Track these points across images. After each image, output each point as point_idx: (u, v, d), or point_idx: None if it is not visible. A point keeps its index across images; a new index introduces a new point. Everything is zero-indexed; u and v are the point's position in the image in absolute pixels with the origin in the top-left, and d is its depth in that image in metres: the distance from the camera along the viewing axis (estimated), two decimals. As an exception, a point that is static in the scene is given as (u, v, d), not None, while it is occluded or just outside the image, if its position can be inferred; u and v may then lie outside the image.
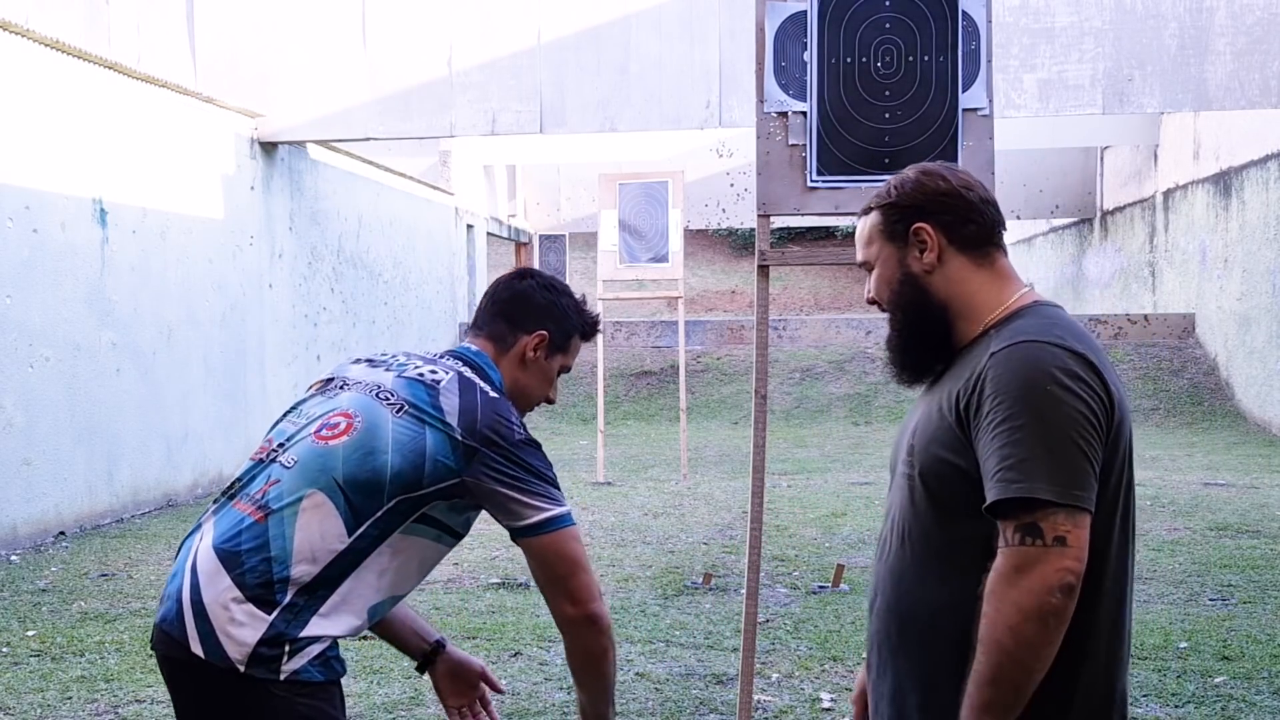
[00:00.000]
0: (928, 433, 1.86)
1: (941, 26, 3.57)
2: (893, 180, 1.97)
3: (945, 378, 1.92)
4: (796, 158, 3.62)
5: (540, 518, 2.16)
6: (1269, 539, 7.49)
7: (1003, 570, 1.68)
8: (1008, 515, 1.69)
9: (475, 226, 19.49)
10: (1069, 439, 1.69)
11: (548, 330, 2.35)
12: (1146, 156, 18.07)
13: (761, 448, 3.65)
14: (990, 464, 1.71)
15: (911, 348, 1.95)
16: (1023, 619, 1.66)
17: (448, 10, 10.83)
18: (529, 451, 2.18)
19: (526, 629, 5.58)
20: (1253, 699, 4.53)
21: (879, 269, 1.96)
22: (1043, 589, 1.65)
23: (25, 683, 4.86)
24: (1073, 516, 1.68)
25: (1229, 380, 14.64)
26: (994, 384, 1.74)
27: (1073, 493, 1.68)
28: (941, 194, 1.91)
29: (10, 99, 7.73)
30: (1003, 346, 1.77)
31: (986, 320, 1.88)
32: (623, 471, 11.04)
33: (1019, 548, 1.68)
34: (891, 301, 1.95)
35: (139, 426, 9.16)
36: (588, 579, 2.18)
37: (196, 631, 2.04)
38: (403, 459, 2.09)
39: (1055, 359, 1.73)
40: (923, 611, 1.84)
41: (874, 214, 1.96)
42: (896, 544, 1.91)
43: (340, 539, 2.06)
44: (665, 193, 10.53)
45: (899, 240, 1.93)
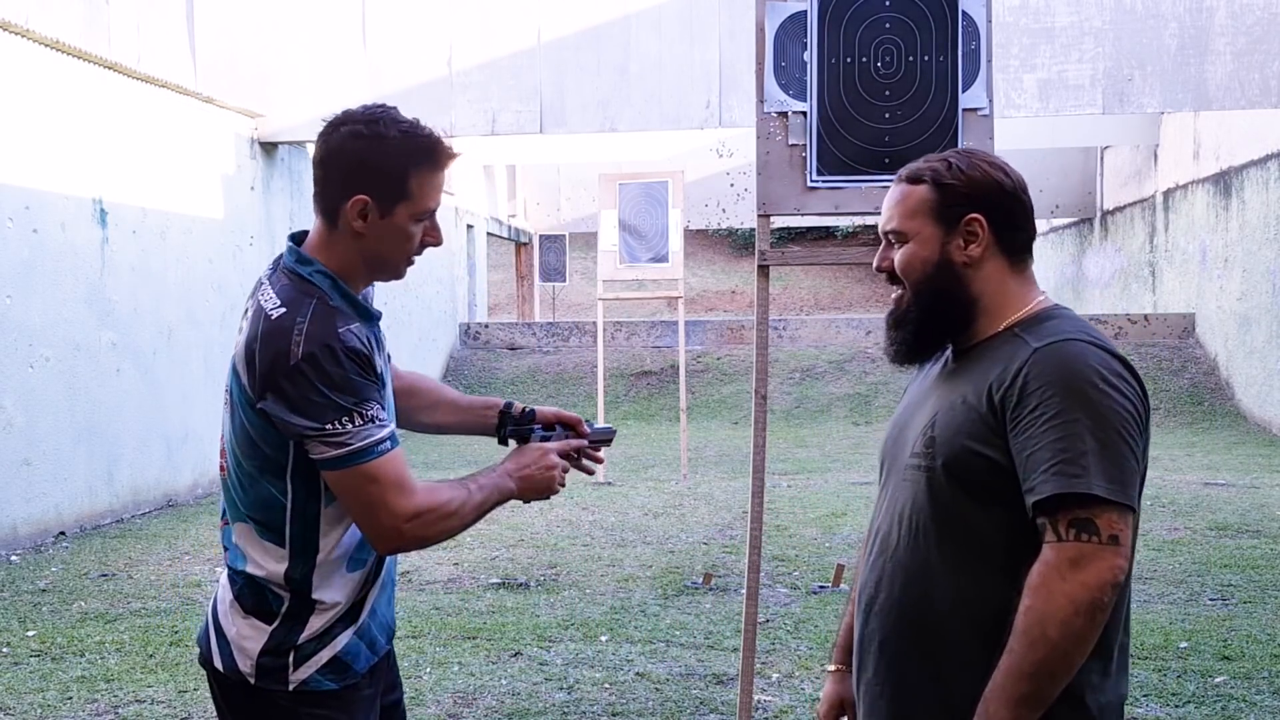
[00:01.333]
0: (951, 424, 1.82)
1: (941, 26, 3.57)
2: (953, 158, 1.91)
3: (959, 372, 1.88)
4: (796, 158, 3.62)
5: (326, 456, 1.92)
6: (1269, 539, 7.49)
7: (1055, 563, 1.67)
8: (1058, 510, 1.68)
9: (475, 226, 19.49)
10: (1120, 436, 1.70)
11: (366, 191, 1.97)
12: (1146, 156, 18.07)
13: (761, 448, 3.65)
14: (1041, 457, 1.70)
15: (926, 332, 1.92)
16: (1074, 612, 1.65)
17: (448, 10, 10.83)
18: (306, 371, 1.89)
19: (526, 629, 5.58)
20: (1253, 699, 4.53)
21: (914, 245, 1.90)
22: (1097, 585, 1.66)
23: (25, 683, 4.86)
24: (1124, 516, 1.69)
25: (1229, 380, 14.64)
26: (1040, 379, 1.72)
27: (1126, 491, 1.69)
28: (1004, 192, 1.87)
29: (10, 99, 7.73)
30: (1046, 343, 1.76)
31: (1008, 319, 1.86)
32: (623, 471, 11.04)
33: (1074, 543, 1.67)
34: (920, 283, 1.90)
35: (139, 426, 9.16)
36: (384, 517, 1.94)
37: (217, 647, 2.05)
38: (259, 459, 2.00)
39: (1100, 358, 1.74)
40: (940, 604, 1.81)
41: (925, 187, 1.89)
42: (905, 539, 1.87)
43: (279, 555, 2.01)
44: (665, 193, 10.53)
45: (947, 224, 1.87)
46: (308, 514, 2.00)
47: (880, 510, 1.96)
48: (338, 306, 1.99)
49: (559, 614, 5.86)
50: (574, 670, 4.96)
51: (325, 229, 2.03)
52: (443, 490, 2.03)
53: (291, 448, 1.97)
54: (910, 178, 1.92)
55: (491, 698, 4.64)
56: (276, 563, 2.01)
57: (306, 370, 1.90)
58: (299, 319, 1.93)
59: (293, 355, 1.90)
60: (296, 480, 1.98)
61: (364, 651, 2.07)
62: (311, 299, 1.97)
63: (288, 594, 2.01)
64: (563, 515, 8.70)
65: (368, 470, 1.92)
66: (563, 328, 17.81)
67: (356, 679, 2.06)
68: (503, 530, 8.09)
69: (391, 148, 1.98)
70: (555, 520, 8.50)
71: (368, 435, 1.92)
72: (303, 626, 2.01)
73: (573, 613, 5.88)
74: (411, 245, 2.04)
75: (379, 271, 2.07)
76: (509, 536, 7.87)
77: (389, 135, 1.98)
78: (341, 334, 1.94)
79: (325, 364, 1.90)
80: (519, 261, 23.18)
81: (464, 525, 2.05)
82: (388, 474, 1.94)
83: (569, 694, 4.67)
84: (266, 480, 1.99)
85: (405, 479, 1.96)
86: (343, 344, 1.93)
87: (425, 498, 1.98)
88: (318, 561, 2.01)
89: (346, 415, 1.91)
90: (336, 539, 2.02)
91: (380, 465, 1.93)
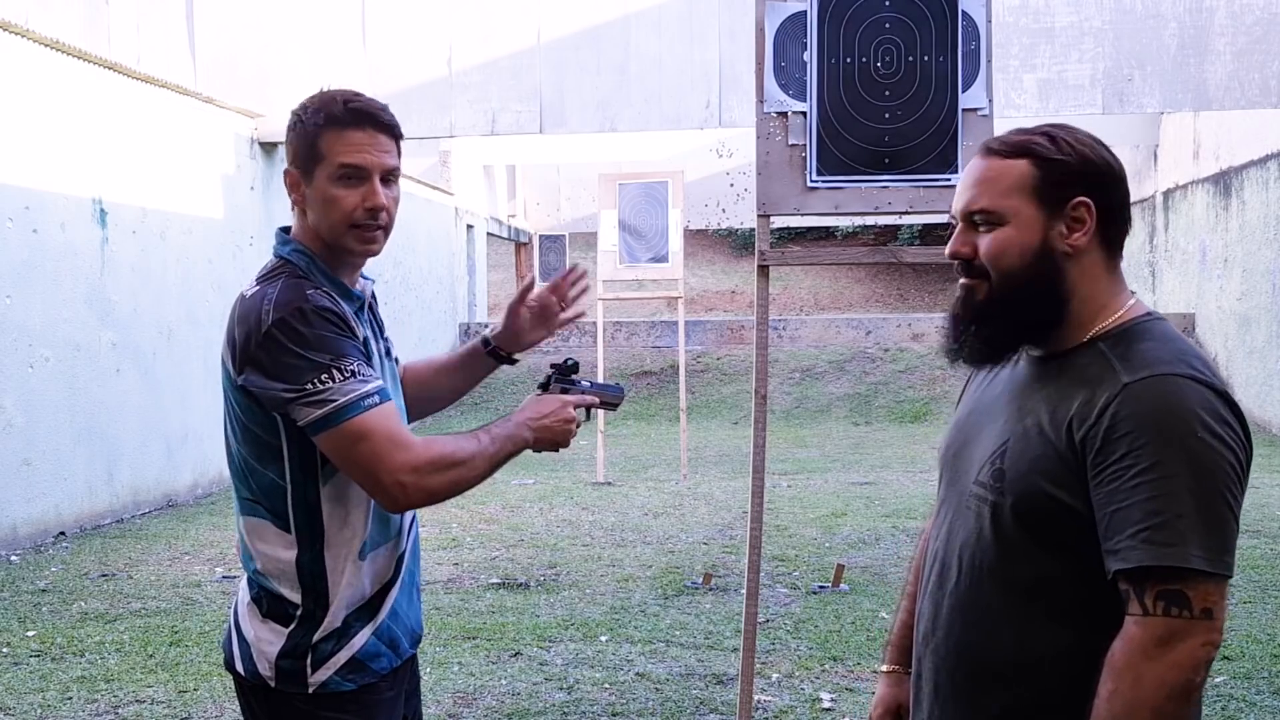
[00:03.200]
0: (1025, 457, 1.61)
1: (941, 26, 3.57)
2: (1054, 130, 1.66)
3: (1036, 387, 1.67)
4: (796, 158, 3.62)
5: (311, 418, 1.88)
6: (1269, 539, 7.49)
7: (1142, 642, 1.49)
8: (1149, 578, 1.49)
9: (475, 226, 19.49)
10: (1220, 495, 1.50)
11: (291, 163, 2.02)
12: (1146, 156, 18.07)
13: (761, 448, 3.65)
14: (1130, 516, 1.50)
15: (1012, 331, 1.67)
16: (1167, 697, 1.48)
17: (448, 10, 10.83)
18: (278, 336, 1.88)
19: (526, 629, 5.58)
20: (1253, 699, 4.53)
21: (1011, 229, 1.63)
22: (1190, 665, 1.48)
23: (25, 683, 4.86)
24: (1220, 586, 1.50)
25: (1229, 380, 14.65)
26: (1131, 421, 1.51)
27: (1223, 560, 1.50)
28: (1113, 174, 1.64)
29: (10, 99, 7.73)
30: (1139, 377, 1.54)
31: (1095, 328, 1.64)
32: (623, 471, 11.04)
33: (1163, 619, 1.48)
34: (1016, 273, 1.64)
35: (139, 426, 9.16)
36: (382, 474, 1.90)
37: (239, 651, 2.04)
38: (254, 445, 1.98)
39: (1203, 400, 1.52)
40: (999, 654, 1.64)
41: (1025, 163, 1.64)
42: (965, 577, 1.68)
43: (288, 543, 1.99)
44: (665, 193, 10.53)
45: (1052, 206, 1.62)
46: (308, 496, 1.98)
47: (940, 532, 1.77)
48: (312, 278, 1.99)
49: (559, 614, 5.86)
50: (574, 670, 4.96)
51: (294, 216, 2.08)
52: (445, 441, 1.99)
53: (282, 427, 1.94)
54: (1004, 150, 1.66)
55: (491, 698, 4.64)
56: (286, 551, 1.98)
57: (278, 334, 1.88)
58: (269, 291, 1.94)
59: (264, 324, 1.89)
60: (293, 462, 1.96)
61: (385, 652, 2.04)
62: (283, 273, 1.99)
63: (301, 593, 1.99)
64: (563, 515, 8.71)
65: (356, 426, 1.88)
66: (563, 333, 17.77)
67: (376, 679, 2.03)
68: (503, 530, 8.09)
69: (306, 117, 2.01)
70: (555, 520, 8.50)
71: (350, 390, 1.88)
72: (318, 624, 1.99)
73: (573, 613, 5.88)
74: (342, 208, 1.98)
75: (334, 248, 2.03)
76: (509, 536, 7.87)
77: (308, 107, 2.03)
78: (310, 295, 1.93)
79: (296, 325, 1.88)
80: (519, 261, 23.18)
81: (478, 477, 2.01)
82: (378, 428, 1.89)
83: (569, 694, 4.67)
84: (263, 465, 1.98)
85: (398, 432, 1.92)
86: (312, 304, 1.91)
87: (425, 450, 1.93)
88: (325, 546, 1.98)
89: (325, 372, 1.88)
90: (341, 520, 1.99)
91: (367, 419, 1.88)
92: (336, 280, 2.03)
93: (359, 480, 1.93)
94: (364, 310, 2.09)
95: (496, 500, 9.34)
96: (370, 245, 2.04)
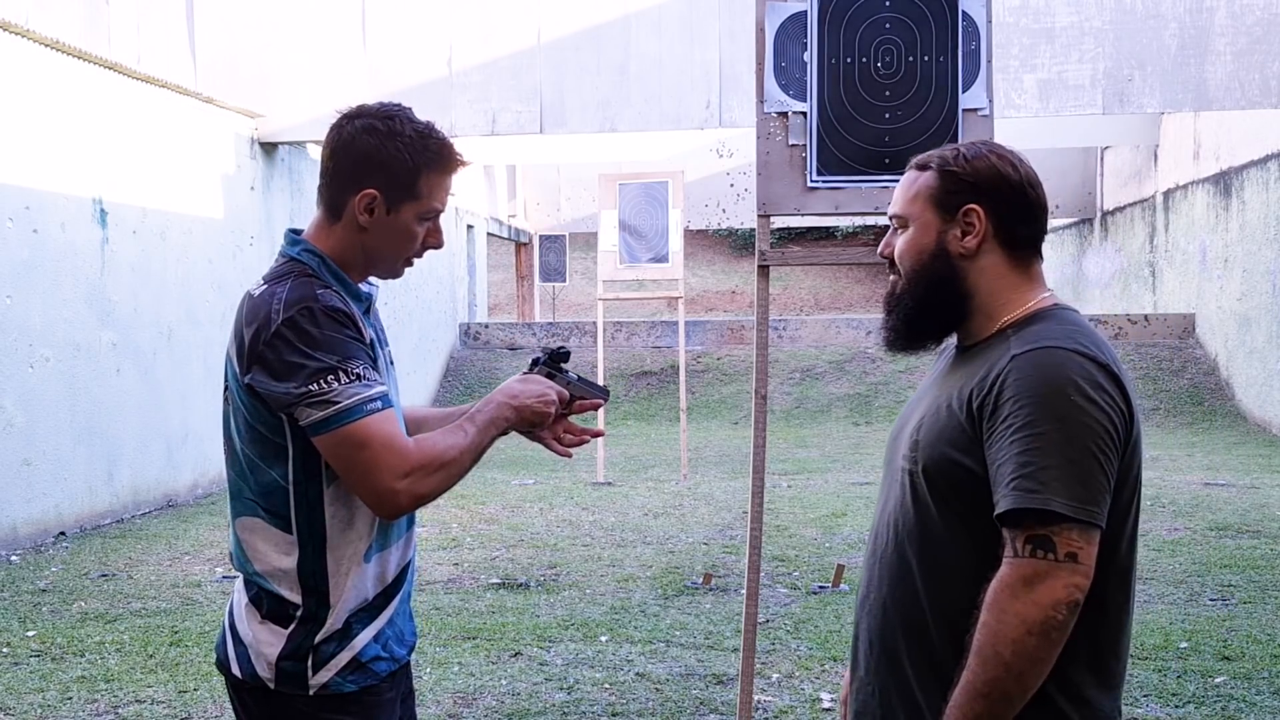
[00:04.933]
0: (934, 429, 1.79)
1: (941, 26, 3.57)
2: (963, 147, 1.86)
3: (954, 372, 1.85)
4: (796, 158, 3.62)
5: (311, 419, 1.88)
6: (1269, 539, 7.48)
7: (1009, 581, 1.64)
8: (1019, 524, 1.64)
9: (475, 227, 19.49)
10: (1089, 451, 1.64)
11: (376, 186, 1.98)
12: (1146, 156, 18.07)
13: (761, 448, 3.65)
14: (1005, 469, 1.66)
15: (916, 321, 1.88)
16: (1026, 632, 1.62)
17: (448, 10, 10.83)
18: (286, 335, 1.88)
19: (526, 629, 5.58)
20: (1253, 699, 4.53)
21: (913, 232, 1.86)
22: (1050, 603, 1.62)
23: (25, 683, 4.86)
24: (1086, 533, 1.63)
25: (1229, 380, 14.64)
26: (1014, 387, 1.68)
27: (1088, 509, 1.63)
28: (1007, 184, 1.82)
29: (10, 99, 7.73)
30: (1025, 350, 1.71)
31: (1004, 319, 1.82)
32: (623, 472, 11.04)
33: (1029, 559, 1.63)
34: (914, 271, 1.86)
35: (139, 426, 9.16)
36: (377, 480, 1.90)
37: (234, 653, 2.02)
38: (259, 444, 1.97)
39: (1080, 367, 1.68)
40: (921, 610, 1.79)
41: (930, 174, 1.85)
42: (892, 540, 1.85)
43: (289, 544, 1.98)
44: (665, 193, 10.53)
45: (946, 212, 1.83)
46: (310, 496, 1.97)
47: (878, 508, 1.95)
48: (322, 278, 1.98)
49: (559, 614, 5.86)
50: (574, 670, 4.96)
51: (326, 220, 2.04)
52: (436, 440, 1.98)
53: (287, 427, 1.94)
54: (919, 164, 1.89)
55: (491, 698, 4.64)
56: (287, 554, 1.97)
57: (287, 333, 1.88)
58: (279, 290, 1.94)
59: (273, 323, 1.89)
60: (296, 463, 1.96)
61: (385, 655, 2.04)
62: (293, 273, 1.98)
63: (302, 594, 1.98)
64: (563, 515, 8.71)
65: (357, 431, 1.88)
66: (563, 328, 17.81)
67: (377, 681, 2.03)
68: (503, 530, 8.09)
69: (405, 146, 1.98)
70: (555, 520, 8.50)
71: (354, 394, 1.88)
72: (320, 625, 1.97)
73: (573, 613, 5.88)
74: (413, 245, 2.05)
75: (376, 267, 2.07)
76: (509, 536, 7.87)
77: (404, 133, 1.99)
78: (320, 294, 1.93)
79: (304, 324, 1.88)
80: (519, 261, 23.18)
81: (466, 470, 2.01)
82: (378, 434, 1.89)
83: (569, 694, 4.67)
84: (268, 465, 1.97)
85: (396, 438, 1.92)
86: (322, 304, 1.91)
87: (418, 454, 1.93)
88: (328, 548, 1.97)
89: (331, 373, 1.88)
90: (344, 522, 1.98)
91: (368, 425, 1.89)
92: (345, 280, 2.03)
93: (353, 484, 1.93)
94: (370, 312, 2.09)
95: (496, 500, 9.34)
96: (402, 272, 2.10)
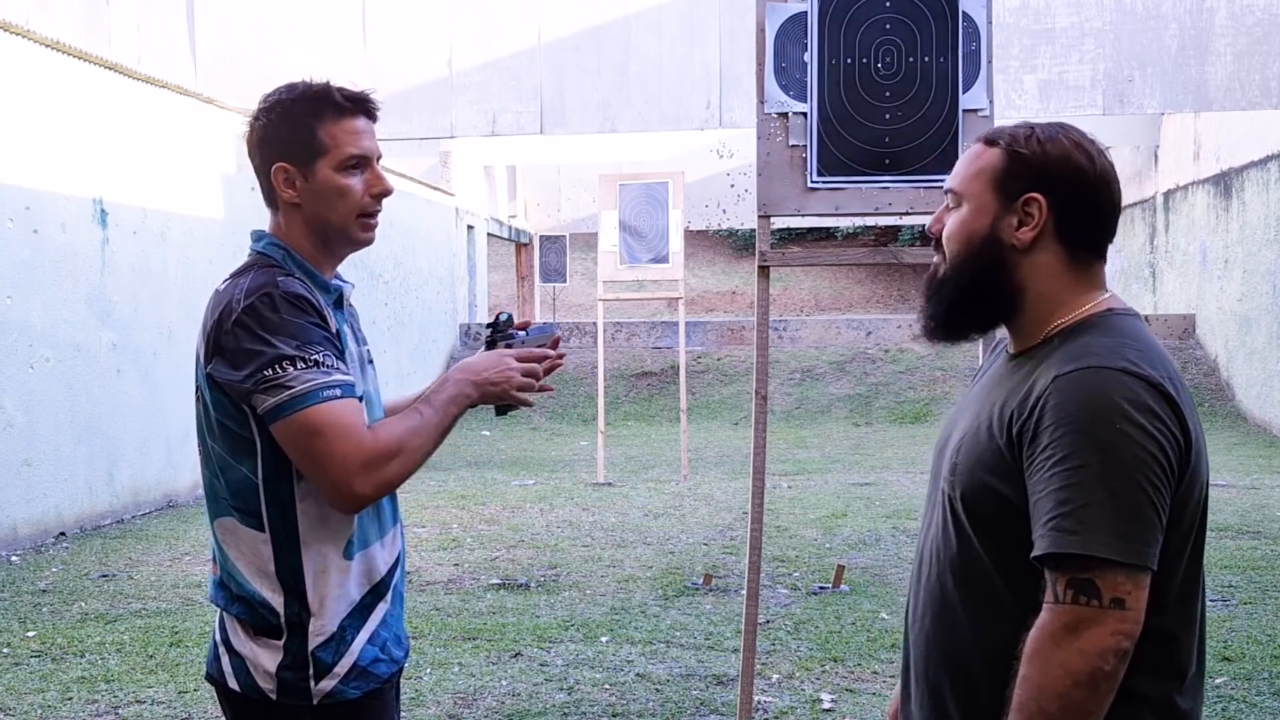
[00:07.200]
0: (974, 453, 1.65)
1: (942, 27, 3.57)
2: (1039, 127, 1.70)
3: (999, 384, 1.70)
4: (797, 158, 3.62)
5: (265, 405, 1.83)
6: (1269, 540, 7.48)
7: (1051, 629, 1.51)
8: (1060, 567, 1.51)
9: (476, 227, 19.49)
10: (1137, 485, 1.50)
11: (280, 158, 1.96)
12: (1147, 157, 18.08)
13: (762, 448, 3.65)
14: (1044, 506, 1.52)
15: (957, 314, 1.73)
16: (1072, 685, 1.49)
17: (448, 10, 10.83)
18: (246, 322, 1.85)
19: (526, 629, 5.58)
20: (1253, 699, 4.53)
21: (967, 213, 1.69)
22: (1095, 653, 1.49)
23: (25, 683, 4.86)
24: (1133, 576, 1.49)
25: (1229, 381, 14.64)
26: (1055, 413, 1.53)
27: (1136, 549, 1.49)
28: (1078, 175, 1.66)
29: (10, 99, 7.73)
30: (1068, 370, 1.56)
31: (1054, 325, 1.67)
32: (623, 472, 11.04)
33: (1071, 606, 1.50)
34: (960, 256, 1.69)
35: (139, 427, 9.16)
36: (333, 471, 1.84)
37: (231, 667, 1.99)
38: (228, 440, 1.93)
39: (1127, 390, 1.52)
40: (963, 657, 1.67)
41: (996, 151, 1.68)
42: (934, 569, 1.72)
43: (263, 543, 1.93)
44: (665, 193, 10.53)
45: (1006, 197, 1.66)
46: (281, 493, 1.91)
47: (922, 525, 1.82)
48: (286, 269, 1.96)
49: (559, 615, 5.86)
50: (574, 671, 4.96)
51: (272, 215, 2.03)
52: (392, 426, 1.92)
53: (252, 421, 1.89)
54: (988, 137, 1.72)
55: (491, 698, 4.64)
56: (262, 553, 1.93)
57: (246, 320, 1.85)
58: (242, 281, 1.92)
59: (234, 311, 1.86)
60: (265, 458, 1.91)
61: (383, 658, 2.02)
62: (256, 265, 1.96)
63: (283, 595, 1.93)
64: (563, 516, 8.71)
65: (310, 418, 1.82)
66: (563, 328, 17.82)
67: (379, 685, 2.00)
68: (503, 530, 8.09)
69: (288, 110, 1.96)
70: (555, 521, 8.51)
71: (310, 379, 1.82)
72: (306, 628, 1.93)
73: (573, 613, 5.88)
74: (351, 199, 1.98)
75: (334, 239, 2.02)
76: (509, 537, 7.87)
77: (285, 100, 1.97)
78: (281, 281, 1.90)
79: (264, 310, 1.85)
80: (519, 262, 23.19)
81: (425, 454, 1.96)
82: (331, 422, 1.83)
83: (569, 695, 4.67)
84: (237, 462, 1.93)
85: (352, 426, 1.85)
86: (282, 290, 1.87)
87: (374, 443, 1.87)
88: (302, 546, 1.92)
89: (288, 360, 1.83)
90: (316, 519, 1.92)
91: (323, 413, 1.82)
92: (313, 273, 2.00)
93: (309, 475, 1.87)
94: (341, 307, 2.05)
95: (496, 501, 9.35)
96: (371, 233, 2.04)
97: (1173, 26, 10.03)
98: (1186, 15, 10.00)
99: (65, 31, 8.68)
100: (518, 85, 10.73)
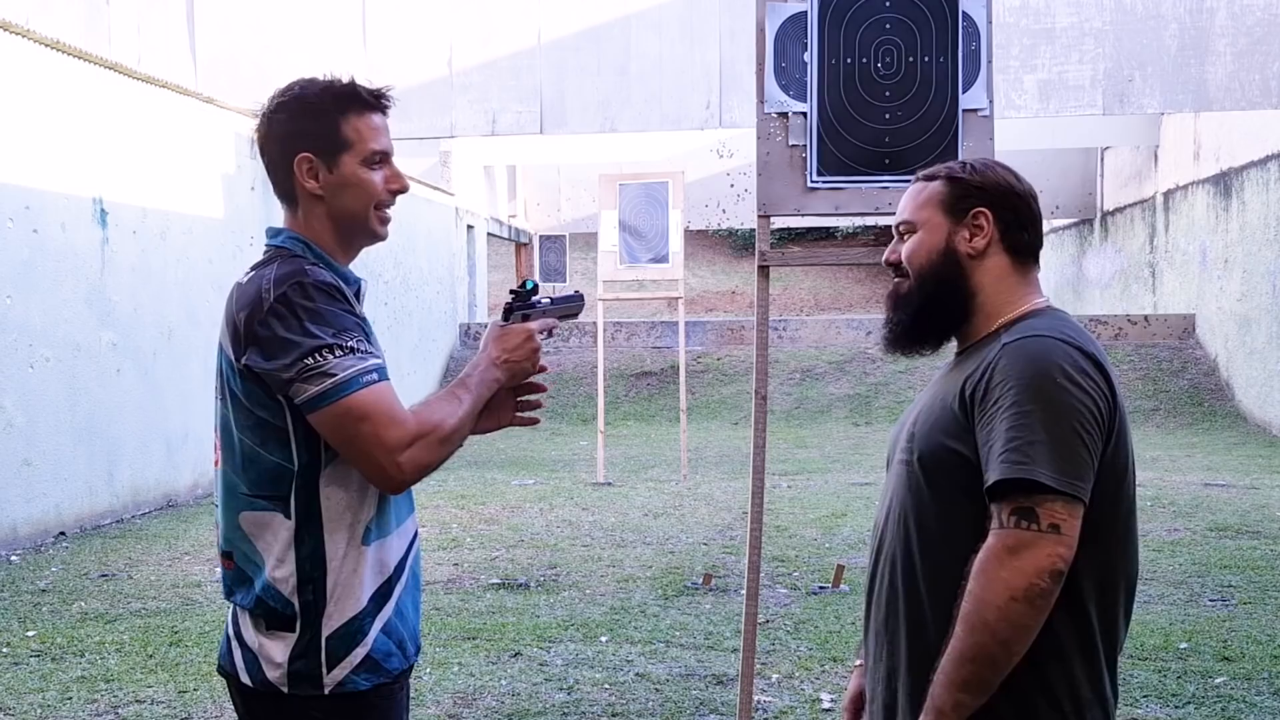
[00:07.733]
0: (930, 420, 1.89)
1: (942, 27, 3.57)
2: (968, 160, 2.01)
3: (951, 373, 1.95)
4: (797, 158, 3.62)
5: (308, 394, 1.86)
6: (1269, 540, 7.48)
7: (994, 550, 1.72)
8: (1005, 496, 1.72)
9: (475, 227, 19.49)
10: (1073, 429, 1.73)
11: (306, 149, 1.99)
12: (1147, 157, 18.07)
13: (761, 448, 3.65)
14: (995, 446, 1.75)
15: (923, 319, 1.97)
16: (1010, 598, 1.69)
17: (448, 10, 10.83)
18: (279, 311, 1.87)
19: (526, 629, 5.58)
20: (1253, 700, 4.53)
21: (922, 234, 1.96)
22: (1033, 571, 1.69)
23: (25, 683, 4.86)
24: (1069, 505, 1.71)
25: (1229, 381, 14.64)
26: (1003, 372, 1.78)
27: (1072, 481, 1.71)
28: (1013, 193, 1.95)
29: (10, 99, 7.73)
30: (1014, 339, 1.82)
31: (1000, 319, 1.92)
32: (623, 472, 11.04)
33: (1013, 530, 1.71)
34: (924, 269, 1.95)
35: (139, 427, 9.16)
36: (379, 454, 1.88)
37: (242, 660, 1.98)
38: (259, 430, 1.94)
39: (1065, 354, 1.77)
40: (918, 594, 1.86)
41: (939, 183, 1.97)
42: (893, 531, 1.93)
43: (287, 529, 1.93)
44: (665, 193, 10.53)
45: (955, 216, 1.94)
46: (309, 480, 1.93)
47: (880, 504, 2.03)
48: (309, 259, 1.97)
49: (559, 614, 5.86)
50: (574, 671, 4.96)
51: (289, 211, 2.05)
52: (434, 409, 1.96)
53: (286, 409, 1.91)
54: (926, 175, 2.01)
55: (491, 698, 4.64)
56: (284, 539, 1.93)
57: (280, 309, 1.87)
58: (267, 272, 1.93)
59: (265, 302, 1.88)
60: (300, 445, 1.92)
61: (395, 651, 2.01)
62: (279, 257, 1.98)
63: (298, 583, 1.93)
64: (563, 515, 8.71)
65: (355, 404, 1.85)
66: (563, 328, 17.81)
67: (390, 679, 2.00)
68: (503, 531, 8.09)
69: (314, 102, 1.99)
70: (555, 520, 8.50)
71: (351, 366, 1.86)
72: (321, 615, 1.93)
73: (573, 613, 5.88)
74: (373, 193, 2.03)
75: (353, 232, 2.05)
76: (509, 537, 7.87)
77: (309, 92, 2.00)
78: (310, 270, 1.92)
79: (296, 299, 1.87)
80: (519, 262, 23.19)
81: (464, 437, 2.01)
82: (376, 407, 1.87)
83: (569, 694, 4.67)
84: (268, 451, 1.94)
85: (395, 411, 1.89)
86: (311, 278, 1.90)
87: (417, 426, 1.91)
88: (325, 533, 1.93)
89: (326, 348, 1.86)
90: (340, 505, 1.94)
91: (366, 397, 1.86)
92: (332, 263, 2.02)
93: (355, 459, 1.90)
94: (360, 299, 2.06)
95: (496, 500, 9.35)
96: (386, 228, 2.08)
97: (1173, 26, 10.03)
98: (1186, 15, 10.00)
99: (65, 31, 8.68)
100: (517, 85, 10.73)
